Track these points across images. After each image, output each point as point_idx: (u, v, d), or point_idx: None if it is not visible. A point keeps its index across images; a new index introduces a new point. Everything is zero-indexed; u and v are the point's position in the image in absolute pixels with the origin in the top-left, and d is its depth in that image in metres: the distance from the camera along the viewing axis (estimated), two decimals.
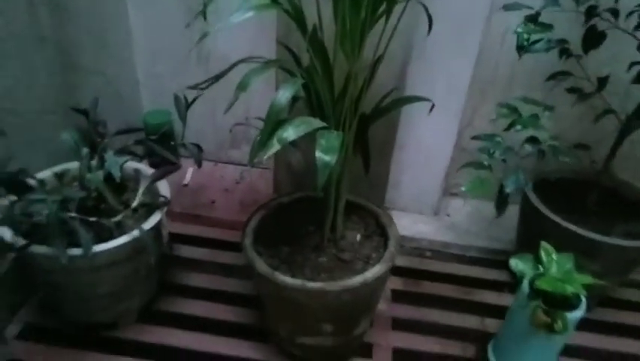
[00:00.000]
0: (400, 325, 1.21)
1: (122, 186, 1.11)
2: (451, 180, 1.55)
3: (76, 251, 0.88)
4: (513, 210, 1.21)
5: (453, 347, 1.16)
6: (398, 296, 1.29)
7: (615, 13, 0.98)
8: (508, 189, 0.91)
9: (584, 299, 0.95)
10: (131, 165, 1.17)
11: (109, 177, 1.05)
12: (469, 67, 1.26)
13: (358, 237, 1.05)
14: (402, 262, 1.40)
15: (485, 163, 0.94)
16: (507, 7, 1.05)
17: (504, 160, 0.94)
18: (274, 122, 0.76)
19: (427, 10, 0.90)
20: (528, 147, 0.92)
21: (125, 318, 1.12)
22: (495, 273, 1.37)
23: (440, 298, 1.29)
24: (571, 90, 1.10)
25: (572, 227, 1.08)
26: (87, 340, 1.09)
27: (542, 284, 0.87)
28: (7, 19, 1.06)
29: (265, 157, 0.74)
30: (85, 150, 1.04)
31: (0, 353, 1.04)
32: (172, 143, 1.59)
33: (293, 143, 0.76)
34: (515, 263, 0.92)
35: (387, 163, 1.38)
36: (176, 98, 1.22)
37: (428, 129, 1.37)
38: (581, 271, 0.94)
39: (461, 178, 1.50)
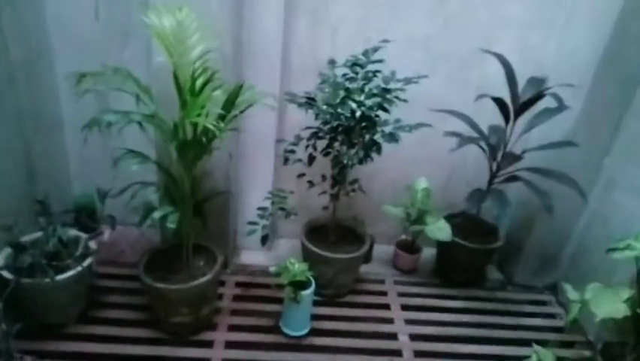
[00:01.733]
0: (235, 313, 2.15)
1: (66, 244, 1.97)
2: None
3: (46, 280, 1.74)
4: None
5: (263, 321, 2.11)
6: (237, 298, 2.23)
7: (315, 148, 2.07)
8: (264, 233, 1.94)
9: (312, 284, 1.95)
10: (71, 231, 2.03)
11: (60, 240, 1.92)
12: (269, 172, 2.31)
13: (201, 263, 1.99)
14: (242, 279, 2.35)
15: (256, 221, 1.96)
16: (278, 141, 2.11)
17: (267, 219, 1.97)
18: (148, 208, 1.70)
19: (230, 155, 1.91)
20: (280, 212, 1.96)
21: (70, 320, 1.96)
22: (273, 268, 2.34)
23: (261, 297, 2.25)
24: (308, 181, 2.16)
25: (317, 250, 2.11)
26: (46, 334, 1.91)
27: (286, 278, 1.86)
28: None
29: (145, 227, 1.67)
30: (46, 224, 1.90)
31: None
32: (94, 215, 2.49)
33: (160, 218, 1.70)
34: (272, 269, 1.91)
35: (226, 221, 2.34)
36: (98, 190, 2.13)
37: (252, 201, 2.36)
38: (322, 275, 1.95)
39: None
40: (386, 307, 2.29)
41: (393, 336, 2.13)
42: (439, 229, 2.23)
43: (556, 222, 2.30)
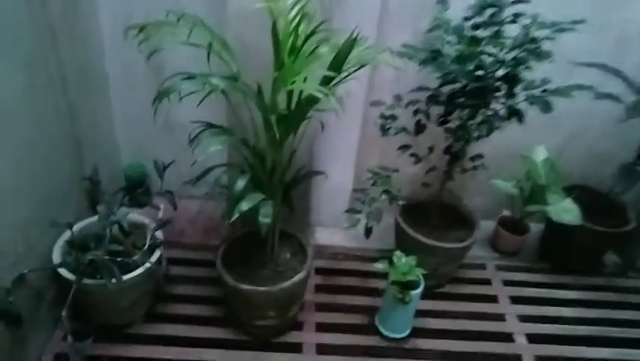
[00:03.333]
0: (320, 307, 1.84)
1: (128, 232, 1.64)
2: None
3: (112, 280, 1.43)
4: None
5: (355, 319, 1.81)
6: (319, 288, 1.92)
7: (428, 115, 1.64)
8: (369, 225, 1.57)
9: (422, 282, 1.62)
10: (131, 215, 1.70)
11: (120, 227, 1.59)
12: (353, 143, 1.90)
13: (288, 255, 1.66)
14: (321, 264, 2.03)
15: (358, 208, 1.59)
16: (372, 104, 1.70)
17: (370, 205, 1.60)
18: (235, 198, 1.34)
19: (322, 125, 1.51)
20: (384, 196, 1.58)
21: (137, 320, 1.67)
22: (381, 266, 2.02)
23: (347, 287, 1.93)
24: (412, 155, 1.76)
25: (419, 236, 1.75)
26: (109, 337, 1.63)
27: (393, 276, 1.52)
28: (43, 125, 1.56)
29: (231, 220, 1.32)
30: (102, 209, 1.57)
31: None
32: (149, 190, 2.16)
33: (249, 211, 1.34)
34: (378, 266, 1.57)
35: (307, 203, 1.99)
36: (156, 163, 1.78)
37: (334, 176, 1.99)
38: (422, 266, 1.60)
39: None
40: (493, 299, 1.96)
41: (508, 337, 1.80)
42: (565, 210, 1.84)
43: None
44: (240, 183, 1.34)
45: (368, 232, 1.63)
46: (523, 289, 2.01)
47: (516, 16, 1.45)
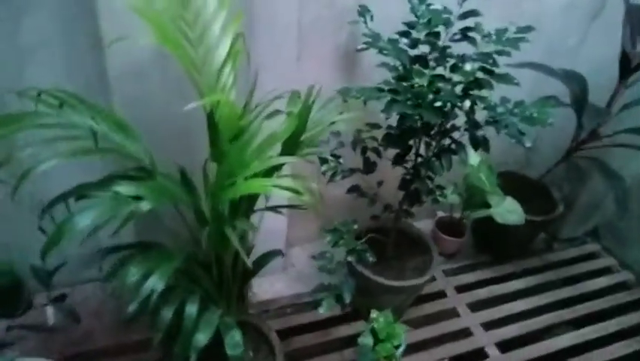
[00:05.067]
0: None
1: None
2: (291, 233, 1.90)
3: None
4: None
5: None
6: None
7: (378, 151, 1.42)
8: (346, 299, 1.34)
9: (402, 344, 1.43)
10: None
11: None
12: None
13: (251, 354, 1.35)
14: (273, 324, 1.74)
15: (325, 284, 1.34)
16: None
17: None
18: (186, 330, 1.00)
19: None
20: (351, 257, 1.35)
21: None
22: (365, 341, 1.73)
23: (311, 349, 1.69)
24: (361, 195, 1.53)
25: (381, 280, 1.56)
26: None
27: (381, 351, 1.32)
28: None
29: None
30: None
31: None
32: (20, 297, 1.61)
33: None
34: (362, 340, 1.35)
35: None
36: (35, 269, 1.33)
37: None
38: (384, 306, 1.41)
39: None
40: (454, 313, 1.88)
41: (481, 354, 1.75)
42: (509, 211, 1.79)
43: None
44: (191, 310, 1.00)
45: (343, 306, 1.39)
46: (476, 293, 1.97)
47: (465, 31, 1.27)
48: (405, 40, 1.32)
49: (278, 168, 0.97)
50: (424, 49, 1.31)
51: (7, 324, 1.34)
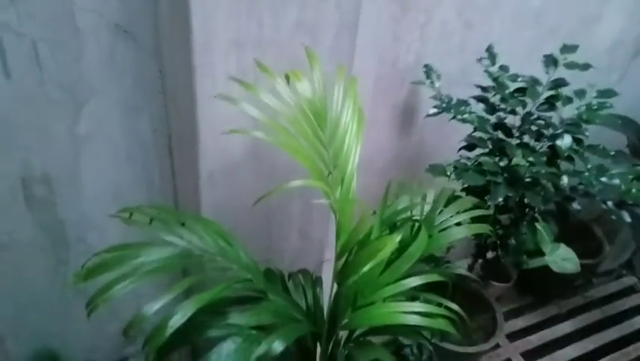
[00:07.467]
0: None
1: None
2: None
3: None
4: None
5: None
6: None
7: None
8: None
9: None
10: None
11: None
12: None
13: None
14: None
15: None
16: None
17: None
18: None
19: None
20: None
21: None
22: None
23: None
24: None
25: (460, 349, 1.49)
26: None
27: None
28: None
29: None
30: None
31: None
32: None
33: None
34: None
35: None
36: None
37: None
38: None
39: None
40: None
41: None
42: (565, 259, 1.74)
43: None
44: None
45: None
46: (527, 340, 1.92)
47: (551, 100, 1.20)
48: (481, 106, 1.24)
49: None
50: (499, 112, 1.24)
51: None
